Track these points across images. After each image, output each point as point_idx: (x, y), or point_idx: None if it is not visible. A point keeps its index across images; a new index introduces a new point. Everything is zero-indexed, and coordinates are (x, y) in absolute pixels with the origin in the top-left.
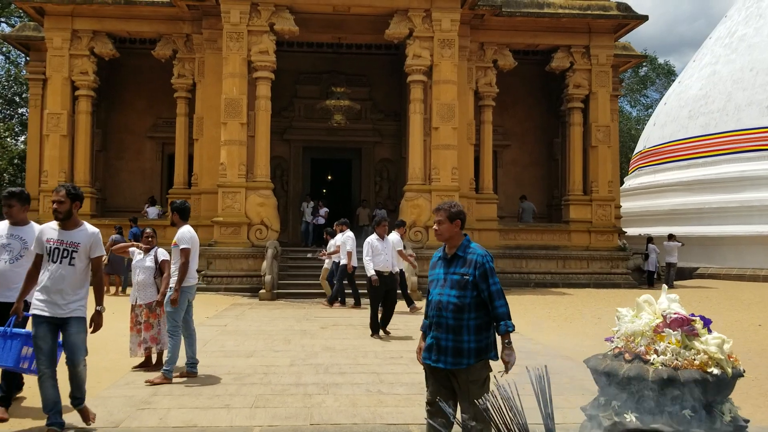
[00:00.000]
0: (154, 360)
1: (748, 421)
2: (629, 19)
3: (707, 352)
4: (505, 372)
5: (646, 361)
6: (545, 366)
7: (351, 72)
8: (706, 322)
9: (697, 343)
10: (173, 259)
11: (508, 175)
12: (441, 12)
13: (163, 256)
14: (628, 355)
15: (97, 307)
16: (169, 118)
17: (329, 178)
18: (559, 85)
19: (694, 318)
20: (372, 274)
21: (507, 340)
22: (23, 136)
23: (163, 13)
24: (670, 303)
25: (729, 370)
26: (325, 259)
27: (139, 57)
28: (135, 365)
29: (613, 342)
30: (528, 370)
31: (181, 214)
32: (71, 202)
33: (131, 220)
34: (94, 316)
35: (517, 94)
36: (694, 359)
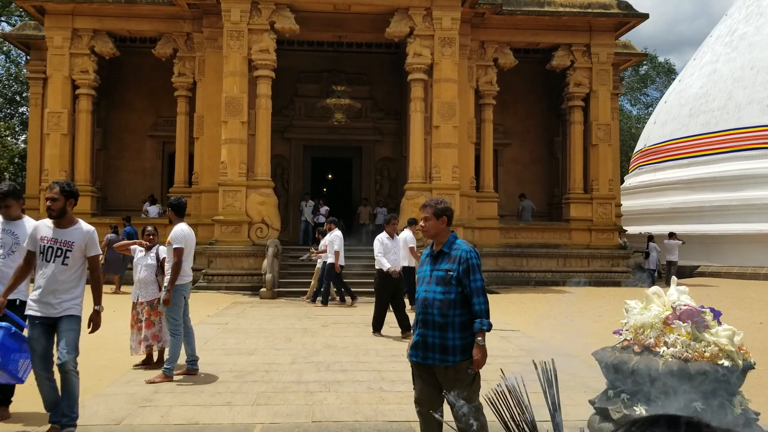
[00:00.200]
0: (155, 358)
1: (758, 413)
2: (630, 17)
3: (718, 344)
4: (472, 370)
5: (656, 353)
6: (552, 359)
7: (351, 70)
8: (716, 314)
9: (707, 335)
10: (168, 258)
11: (508, 173)
12: (441, 10)
13: (164, 253)
14: (637, 347)
15: (95, 306)
16: (169, 117)
17: (330, 176)
18: (559, 84)
19: (703, 310)
20: (388, 266)
21: (480, 338)
22: (24, 135)
23: (163, 12)
24: (679, 295)
25: (740, 362)
26: (316, 259)
27: (139, 56)
28: (136, 363)
29: (621, 334)
30: (535, 364)
31: (176, 210)
32: (65, 199)
33: (125, 219)
34: (92, 316)
35: (517, 92)
36: (705, 351)
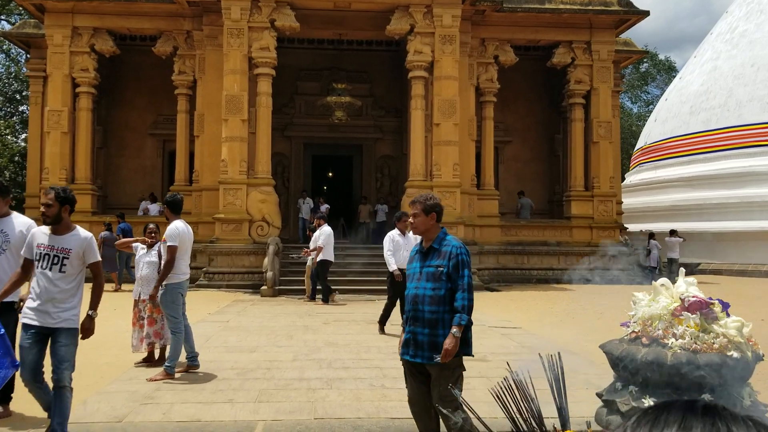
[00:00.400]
0: (156, 355)
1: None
2: (630, 14)
3: (726, 335)
4: (440, 359)
5: (664, 345)
6: (558, 353)
7: (352, 68)
8: (725, 305)
9: (716, 327)
10: (164, 256)
11: (509, 171)
12: (442, 8)
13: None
14: (645, 339)
15: (89, 311)
16: (169, 115)
17: (330, 174)
18: (560, 81)
19: (712, 301)
20: (394, 269)
21: (455, 330)
22: (24, 134)
23: (163, 10)
24: (688, 286)
25: (749, 353)
26: (307, 258)
27: (139, 54)
28: (138, 361)
29: (629, 327)
30: (541, 357)
31: (172, 207)
32: (60, 205)
33: (119, 215)
34: (85, 322)
35: (518, 89)
36: (713, 342)
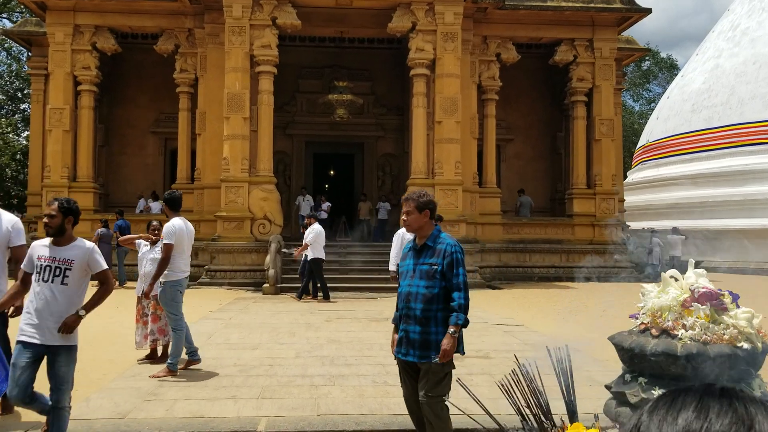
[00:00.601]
0: (159, 352)
1: None
2: (632, 12)
3: (737, 326)
4: (439, 360)
5: (674, 336)
6: (566, 345)
7: (353, 66)
8: (735, 297)
9: (726, 318)
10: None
11: (511, 169)
12: (444, 5)
13: None
14: (654, 331)
15: (79, 310)
16: (171, 113)
17: (332, 172)
18: (562, 79)
19: (722, 292)
20: (392, 269)
21: (452, 330)
22: (26, 132)
23: (165, 8)
24: (697, 278)
25: (759, 344)
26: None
27: (141, 52)
28: (141, 357)
29: (638, 318)
30: (549, 350)
31: (170, 205)
32: (63, 216)
33: (117, 212)
34: (70, 317)
35: (520, 87)
36: (724, 334)
